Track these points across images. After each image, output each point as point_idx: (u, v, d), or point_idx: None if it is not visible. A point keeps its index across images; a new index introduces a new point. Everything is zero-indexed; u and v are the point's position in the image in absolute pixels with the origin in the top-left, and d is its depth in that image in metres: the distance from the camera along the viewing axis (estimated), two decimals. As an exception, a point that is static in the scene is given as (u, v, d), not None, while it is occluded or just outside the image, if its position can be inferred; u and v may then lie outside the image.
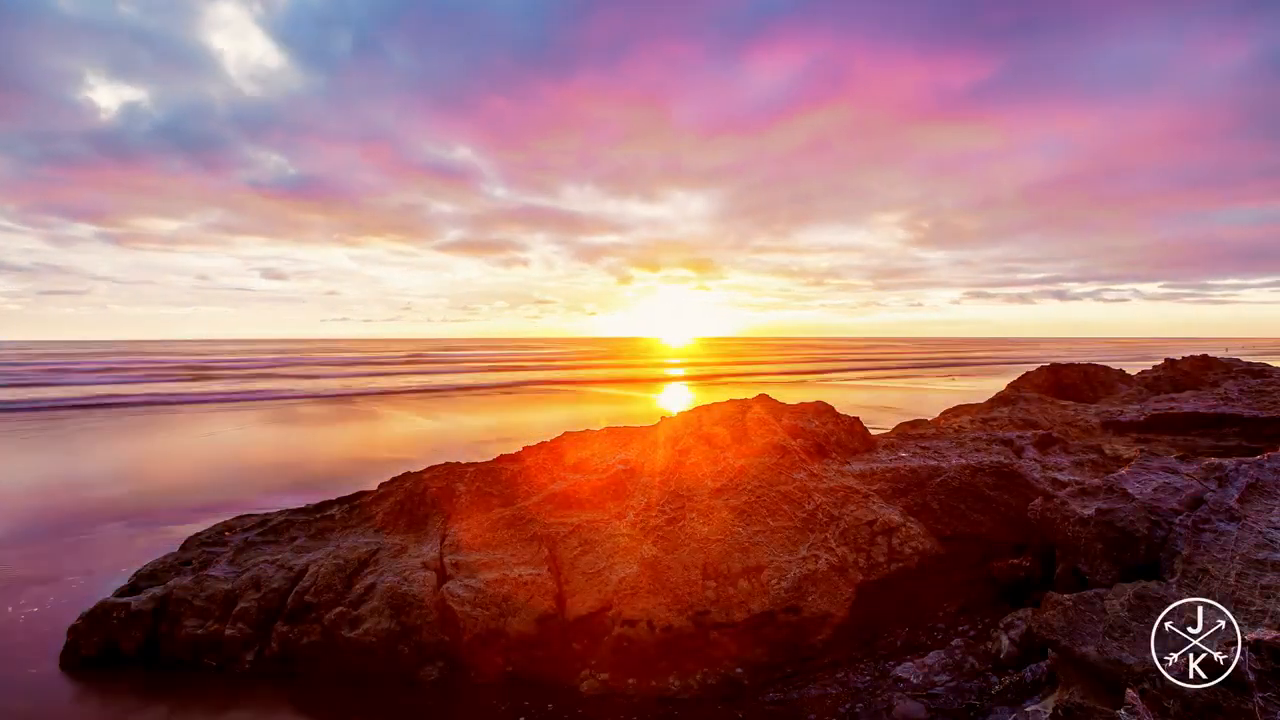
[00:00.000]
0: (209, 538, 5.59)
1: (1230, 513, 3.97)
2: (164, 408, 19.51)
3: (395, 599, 4.40)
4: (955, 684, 3.68)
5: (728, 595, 4.31)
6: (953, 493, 5.22)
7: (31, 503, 8.37)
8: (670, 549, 4.60)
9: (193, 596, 4.67)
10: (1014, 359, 51.57)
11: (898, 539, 4.78)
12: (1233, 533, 3.74)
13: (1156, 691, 2.48)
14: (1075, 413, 8.59)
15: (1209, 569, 3.47)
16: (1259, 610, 3.09)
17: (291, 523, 5.76)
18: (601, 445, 6.44)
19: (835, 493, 5.16)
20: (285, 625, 4.47)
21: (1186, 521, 3.93)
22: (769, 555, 4.55)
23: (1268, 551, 3.50)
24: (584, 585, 4.50)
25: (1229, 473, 4.53)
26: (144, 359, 53.97)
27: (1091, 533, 4.07)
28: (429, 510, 5.58)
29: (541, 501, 5.41)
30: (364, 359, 56.26)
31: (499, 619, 4.31)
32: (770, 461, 5.50)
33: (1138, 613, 3.22)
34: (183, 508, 8.06)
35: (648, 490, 5.38)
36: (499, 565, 4.70)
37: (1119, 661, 2.97)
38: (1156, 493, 4.38)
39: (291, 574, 4.81)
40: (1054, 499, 4.63)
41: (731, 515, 4.87)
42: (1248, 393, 8.39)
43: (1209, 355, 11.74)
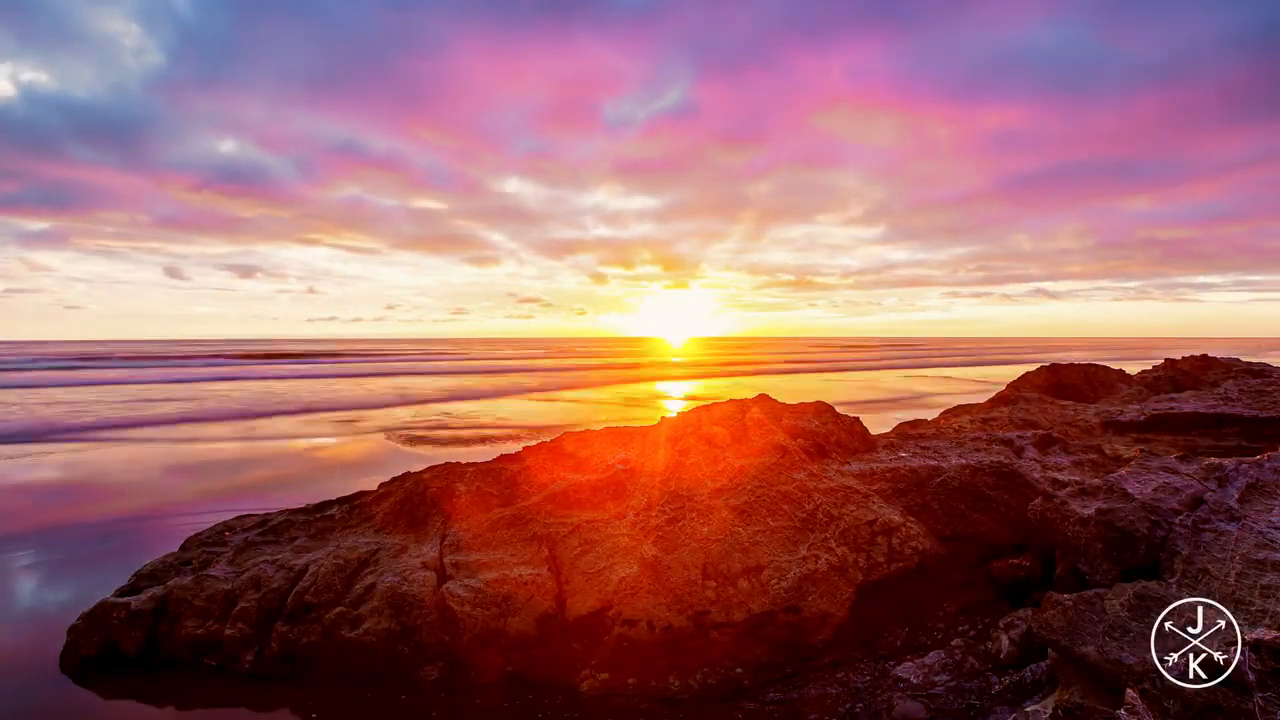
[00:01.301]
0: (209, 538, 5.58)
1: (1230, 513, 3.97)
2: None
3: (395, 599, 4.40)
4: (955, 684, 3.68)
5: (728, 595, 4.31)
6: (953, 493, 5.22)
7: (31, 502, 8.36)
8: (670, 549, 4.60)
9: (193, 596, 4.67)
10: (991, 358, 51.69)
11: (898, 539, 4.79)
12: (1233, 533, 3.74)
13: (1156, 691, 2.48)
14: (1075, 413, 8.59)
15: (1209, 569, 3.48)
16: (1259, 610, 3.09)
17: (291, 523, 5.75)
18: (601, 445, 6.44)
19: (835, 493, 5.16)
20: (285, 625, 4.47)
21: (1186, 521, 3.93)
22: (769, 555, 4.55)
23: (1268, 551, 3.50)
24: (584, 585, 4.50)
25: (1229, 473, 4.53)
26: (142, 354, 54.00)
27: (1091, 533, 4.07)
28: (429, 510, 5.58)
29: (541, 501, 5.41)
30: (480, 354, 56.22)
31: (499, 619, 4.31)
32: (770, 461, 5.50)
33: (1138, 613, 3.22)
34: (183, 508, 8.06)
35: (648, 490, 5.38)
36: (499, 565, 4.70)
37: (1119, 661, 2.97)
38: (1156, 493, 4.38)
39: (291, 574, 4.81)
40: (1054, 499, 4.63)
41: (731, 515, 4.87)
42: (1248, 393, 8.39)
43: (1209, 355, 11.75)
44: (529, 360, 52.14)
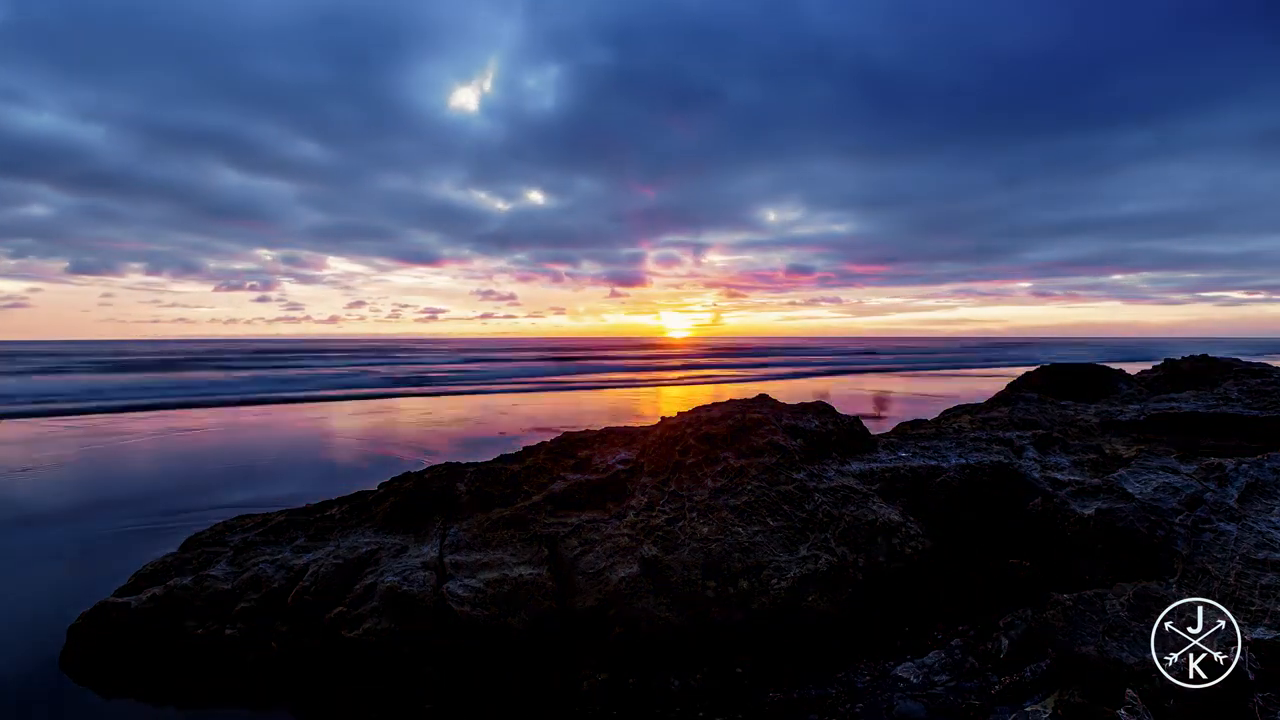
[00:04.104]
0: (209, 538, 5.59)
1: (1230, 513, 3.97)
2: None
3: (395, 599, 4.40)
4: (955, 684, 3.68)
5: (728, 595, 4.31)
6: (953, 492, 5.23)
7: (30, 502, 8.36)
8: (670, 549, 4.61)
9: (192, 596, 4.67)
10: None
11: (898, 539, 4.79)
12: (1233, 533, 3.75)
13: (1156, 691, 2.48)
14: (1075, 413, 8.59)
15: (1209, 569, 3.48)
16: (1259, 610, 3.09)
17: (291, 523, 5.76)
18: (601, 445, 6.45)
19: (835, 492, 5.16)
20: (285, 625, 4.47)
21: (1186, 521, 3.93)
22: (769, 555, 4.55)
23: (1268, 551, 3.51)
24: (584, 585, 4.50)
25: (1229, 473, 4.54)
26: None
27: (1091, 533, 4.08)
28: (429, 510, 5.58)
29: (541, 501, 5.41)
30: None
31: (499, 619, 4.31)
32: (770, 461, 5.50)
33: (1138, 613, 3.22)
34: (184, 507, 8.06)
35: (648, 490, 5.38)
36: (499, 565, 4.70)
37: (1119, 661, 2.97)
38: (1156, 493, 4.39)
39: (291, 574, 4.81)
40: (1054, 499, 4.64)
41: (731, 515, 4.87)
42: (1248, 393, 8.40)
43: (1209, 355, 11.78)
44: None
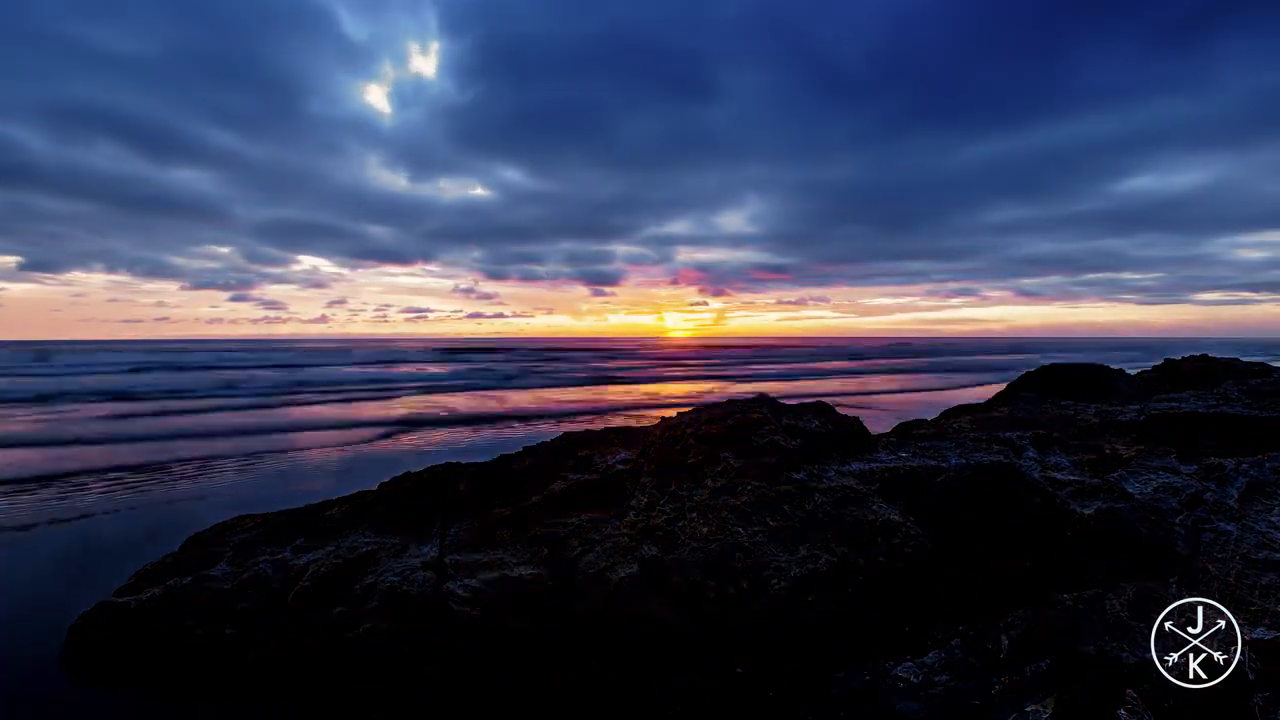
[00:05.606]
0: (209, 538, 5.59)
1: (1230, 513, 3.97)
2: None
3: (395, 599, 4.40)
4: (955, 684, 3.68)
5: (728, 595, 4.31)
6: (953, 492, 5.22)
7: (30, 501, 8.36)
8: (670, 549, 4.61)
9: (192, 596, 4.67)
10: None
11: (898, 539, 4.78)
12: (1233, 533, 3.75)
13: (1156, 691, 2.48)
14: (1075, 413, 8.59)
15: (1209, 569, 3.48)
16: (1259, 610, 3.09)
17: (291, 523, 5.76)
18: (602, 445, 6.45)
19: (835, 493, 5.16)
20: (285, 625, 4.47)
21: (1187, 521, 3.93)
22: (769, 555, 4.55)
23: (1268, 551, 3.51)
24: (584, 585, 4.50)
25: (1229, 473, 4.54)
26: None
27: (1091, 533, 4.08)
28: (429, 510, 5.58)
29: (541, 501, 5.41)
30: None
31: (499, 619, 4.31)
32: (770, 461, 5.50)
33: (1138, 613, 3.22)
34: (184, 507, 8.06)
35: (648, 490, 5.38)
36: (499, 565, 4.70)
37: (1119, 661, 2.97)
38: (1156, 493, 4.39)
39: (291, 574, 4.81)
40: (1054, 498, 4.64)
41: (731, 515, 4.87)
42: (1248, 393, 8.40)
43: (1209, 355, 11.78)
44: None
